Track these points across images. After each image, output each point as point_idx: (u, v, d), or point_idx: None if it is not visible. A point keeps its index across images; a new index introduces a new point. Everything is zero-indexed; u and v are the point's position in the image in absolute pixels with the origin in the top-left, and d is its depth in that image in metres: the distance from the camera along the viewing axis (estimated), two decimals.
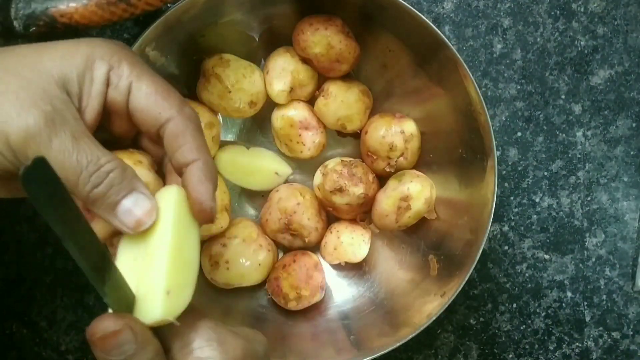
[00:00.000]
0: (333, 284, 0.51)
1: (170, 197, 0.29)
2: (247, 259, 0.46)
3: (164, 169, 0.33)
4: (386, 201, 0.46)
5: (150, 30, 0.40)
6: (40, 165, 0.20)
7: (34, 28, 0.41)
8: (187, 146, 0.29)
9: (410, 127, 0.47)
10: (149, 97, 0.28)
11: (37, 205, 0.20)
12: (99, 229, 0.29)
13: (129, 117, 0.30)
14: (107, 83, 0.28)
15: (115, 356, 0.24)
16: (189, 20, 0.42)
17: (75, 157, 0.25)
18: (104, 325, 0.24)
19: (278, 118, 0.48)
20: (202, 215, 0.29)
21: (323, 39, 0.44)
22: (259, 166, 0.49)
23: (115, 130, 0.31)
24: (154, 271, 0.27)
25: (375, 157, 0.47)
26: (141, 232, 0.28)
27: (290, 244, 0.49)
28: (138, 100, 0.28)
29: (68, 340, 0.53)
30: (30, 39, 0.43)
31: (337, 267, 0.50)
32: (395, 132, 0.47)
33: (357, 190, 0.46)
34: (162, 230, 0.28)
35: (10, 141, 0.25)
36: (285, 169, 0.50)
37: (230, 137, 0.51)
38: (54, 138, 0.25)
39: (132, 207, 0.27)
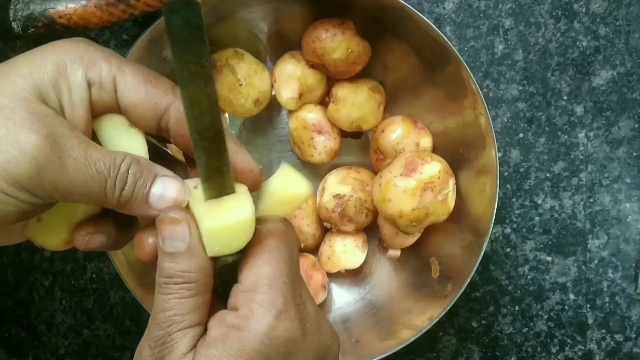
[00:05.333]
0: (334, 287, 0.51)
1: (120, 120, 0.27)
2: None
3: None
4: (387, 226, 0.47)
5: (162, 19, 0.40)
6: (192, 3, 0.21)
7: (33, 29, 0.41)
8: None
9: (426, 142, 0.47)
10: (138, 89, 0.26)
11: (171, 39, 0.21)
12: None
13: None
14: (88, 85, 0.26)
15: (167, 247, 0.25)
16: (205, 13, 0.42)
17: (94, 169, 0.24)
18: (170, 211, 0.25)
19: (293, 118, 0.49)
20: (255, 182, 0.29)
21: (342, 43, 0.44)
22: None
23: None
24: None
25: (382, 157, 0.47)
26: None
27: None
28: (128, 95, 0.26)
29: (67, 344, 0.53)
30: (28, 40, 0.43)
31: (337, 272, 0.50)
32: (411, 143, 0.46)
33: (348, 228, 0.47)
34: None
35: (21, 181, 0.22)
36: None
37: None
38: (65, 159, 0.23)
39: (163, 192, 0.26)
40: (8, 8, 0.41)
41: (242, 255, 0.27)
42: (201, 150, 0.24)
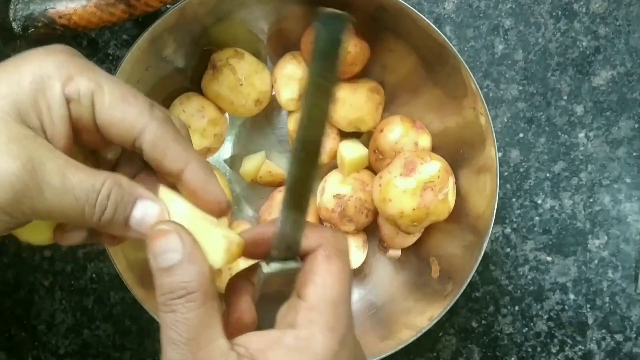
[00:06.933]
0: None
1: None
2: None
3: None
4: (387, 226, 0.46)
5: (164, 18, 0.40)
6: (342, 20, 0.22)
7: (33, 29, 0.41)
8: (173, 152, 0.26)
9: (425, 141, 0.47)
10: (115, 109, 0.25)
11: (313, 48, 0.22)
12: None
13: (98, 131, 0.26)
14: (67, 101, 0.25)
15: (161, 262, 0.24)
16: (205, 13, 0.42)
17: (73, 195, 0.23)
18: (160, 225, 0.25)
19: (292, 120, 0.49)
20: (220, 212, 0.28)
21: None
22: None
23: (88, 145, 0.28)
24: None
25: (381, 157, 0.47)
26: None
27: None
28: (105, 113, 0.25)
29: (67, 344, 0.53)
30: (28, 40, 0.43)
31: None
32: (409, 142, 0.46)
33: (348, 228, 0.47)
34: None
35: (0, 205, 0.22)
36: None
37: (229, 138, 0.51)
38: (44, 187, 0.23)
39: (143, 216, 0.25)
40: (8, 8, 0.41)
41: (295, 265, 0.26)
42: (297, 161, 0.25)
